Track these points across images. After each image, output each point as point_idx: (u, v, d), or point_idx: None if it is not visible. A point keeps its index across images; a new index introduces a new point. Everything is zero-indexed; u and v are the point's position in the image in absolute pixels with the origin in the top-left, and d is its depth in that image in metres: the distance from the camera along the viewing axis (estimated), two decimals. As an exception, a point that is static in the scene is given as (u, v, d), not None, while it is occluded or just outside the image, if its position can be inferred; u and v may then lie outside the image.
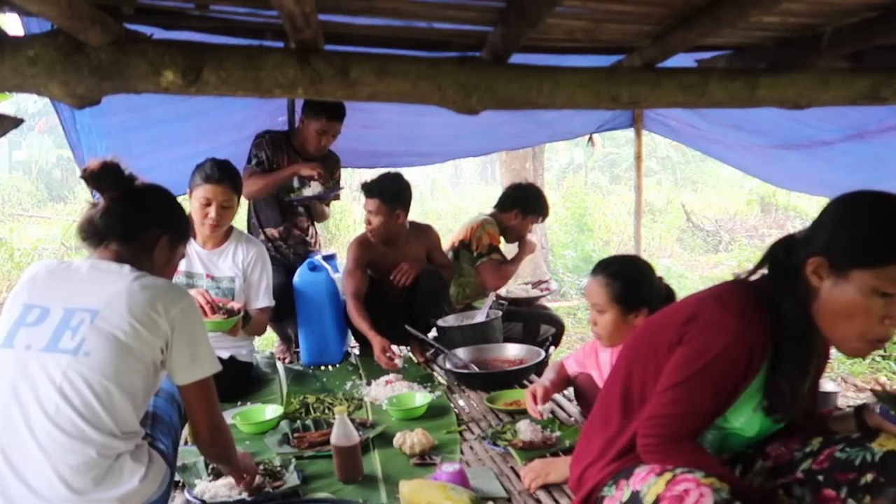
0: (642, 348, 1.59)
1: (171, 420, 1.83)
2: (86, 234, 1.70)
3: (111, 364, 1.50)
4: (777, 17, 1.87)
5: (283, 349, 3.68)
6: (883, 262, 1.31)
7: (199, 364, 1.65)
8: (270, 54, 1.72)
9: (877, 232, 1.33)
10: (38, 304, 1.58)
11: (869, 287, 1.31)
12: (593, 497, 1.55)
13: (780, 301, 1.42)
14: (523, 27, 1.73)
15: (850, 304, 1.34)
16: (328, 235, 7.66)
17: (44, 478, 1.43)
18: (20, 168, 15.91)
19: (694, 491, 1.30)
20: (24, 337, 1.54)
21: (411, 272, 3.39)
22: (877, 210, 1.37)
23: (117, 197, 1.71)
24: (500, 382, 2.97)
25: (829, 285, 1.37)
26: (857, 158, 3.47)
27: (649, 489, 1.38)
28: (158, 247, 1.75)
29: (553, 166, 16.21)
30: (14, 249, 7.62)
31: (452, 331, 3.45)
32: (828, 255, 1.36)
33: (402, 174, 3.49)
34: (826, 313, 1.38)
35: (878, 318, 1.33)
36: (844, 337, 1.39)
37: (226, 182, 2.83)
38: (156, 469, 1.60)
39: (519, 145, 6.12)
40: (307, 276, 3.39)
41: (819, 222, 1.43)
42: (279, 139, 3.60)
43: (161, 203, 1.81)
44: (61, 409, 1.46)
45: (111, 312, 1.54)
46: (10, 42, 1.60)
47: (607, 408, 1.62)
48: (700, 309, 1.48)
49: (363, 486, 2.12)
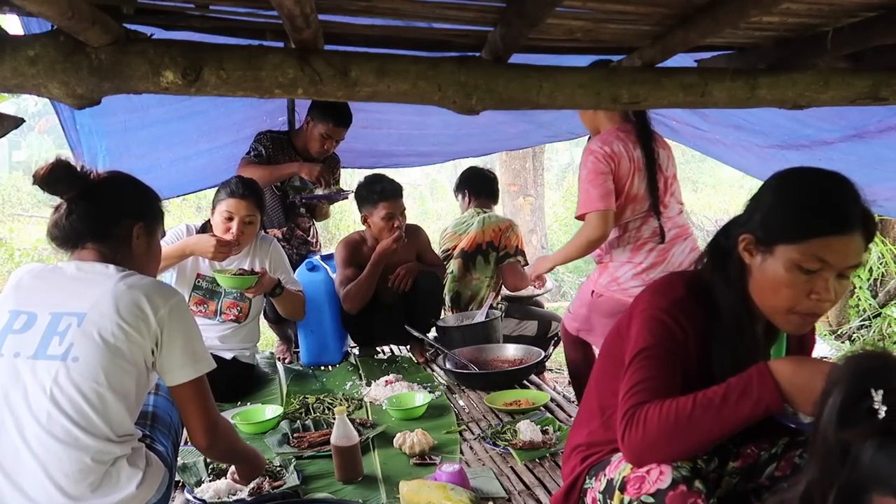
0: (605, 354, 1.65)
1: (171, 419, 1.81)
2: (57, 239, 1.65)
3: (101, 368, 1.48)
4: (777, 17, 1.87)
5: (283, 349, 3.68)
6: (804, 236, 1.32)
7: (192, 363, 1.60)
8: (270, 54, 1.72)
9: (799, 207, 1.35)
10: (25, 309, 1.55)
11: (791, 261, 1.33)
12: (577, 488, 1.58)
13: (714, 288, 1.44)
14: (523, 27, 1.73)
15: (775, 278, 1.36)
16: (328, 235, 7.65)
17: (40, 486, 1.42)
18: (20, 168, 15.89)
19: (654, 469, 1.33)
20: (11, 344, 1.51)
21: (409, 276, 3.37)
22: (802, 186, 1.39)
23: (76, 197, 1.64)
24: (500, 382, 2.97)
25: (759, 261, 1.39)
26: (857, 158, 3.46)
27: (620, 475, 1.40)
28: (134, 236, 1.70)
29: (553, 166, 16.20)
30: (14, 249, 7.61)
31: (452, 331, 3.46)
32: (755, 232, 1.39)
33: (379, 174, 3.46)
34: (757, 289, 1.41)
35: (804, 292, 1.34)
36: (774, 311, 1.41)
37: (249, 198, 2.86)
38: (154, 472, 1.58)
39: (519, 145, 6.12)
40: (306, 277, 3.39)
41: (752, 200, 1.45)
42: (280, 139, 3.60)
43: (124, 191, 1.74)
44: (53, 417, 1.44)
45: (98, 315, 1.51)
46: (10, 42, 1.60)
47: (588, 409, 1.67)
48: (637, 300, 1.54)
49: (363, 486, 2.12)
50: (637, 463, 1.36)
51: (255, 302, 3.03)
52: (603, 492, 1.46)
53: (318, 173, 3.44)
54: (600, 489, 1.47)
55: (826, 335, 5.32)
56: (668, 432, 1.30)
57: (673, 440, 1.31)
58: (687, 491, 1.30)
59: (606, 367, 1.63)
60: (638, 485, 1.34)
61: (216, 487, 2.00)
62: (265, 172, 3.41)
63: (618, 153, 2.66)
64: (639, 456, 1.35)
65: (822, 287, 1.33)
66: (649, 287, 1.55)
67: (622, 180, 2.67)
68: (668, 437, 1.31)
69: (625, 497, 1.36)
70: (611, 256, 2.79)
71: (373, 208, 3.29)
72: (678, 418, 1.30)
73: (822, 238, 1.31)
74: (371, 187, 3.30)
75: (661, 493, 1.31)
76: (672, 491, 1.30)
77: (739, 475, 1.63)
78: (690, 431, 1.30)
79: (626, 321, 1.56)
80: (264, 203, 3.01)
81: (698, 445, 1.33)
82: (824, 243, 1.31)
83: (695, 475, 1.33)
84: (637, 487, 1.34)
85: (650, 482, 1.33)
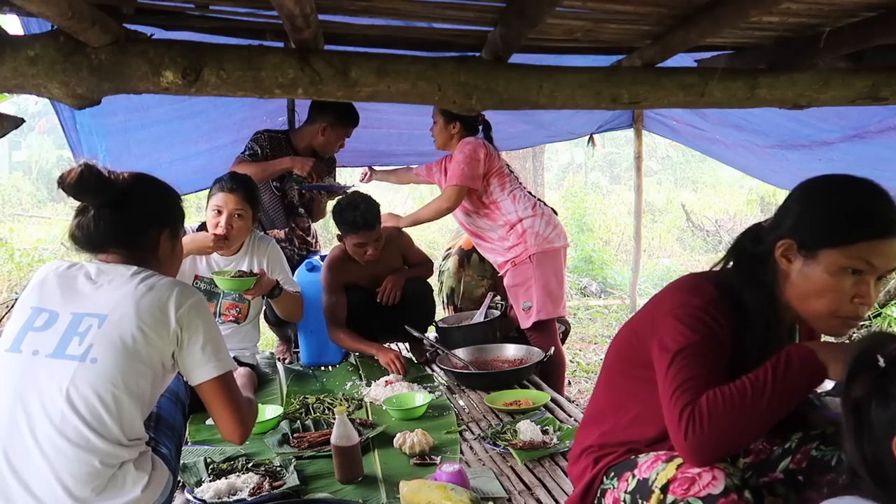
0: (616, 356, 1.62)
1: (175, 421, 1.81)
2: (81, 242, 1.65)
3: (119, 371, 1.48)
4: (777, 17, 1.87)
5: (283, 349, 3.68)
6: (849, 240, 1.34)
7: (214, 360, 1.60)
8: (270, 54, 1.72)
9: (842, 212, 1.36)
10: (47, 308, 1.56)
11: (837, 265, 1.35)
12: (594, 490, 1.56)
13: (743, 293, 1.44)
14: (523, 27, 1.73)
15: (820, 282, 1.37)
16: (328, 235, 7.65)
17: (47, 486, 1.42)
18: (20, 168, 15.89)
19: (706, 473, 1.31)
20: (31, 342, 1.51)
21: (396, 288, 3.32)
22: (841, 191, 1.41)
23: (103, 205, 1.63)
24: (500, 382, 2.97)
25: (799, 266, 1.40)
26: (857, 158, 3.47)
27: (658, 475, 1.38)
28: (161, 242, 1.71)
29: (553, 166, 16.21)
30: (14, 249, 7.60)
31: (452, 331, 3.46)
32: (796, 237, 1.39)
33: (361, 195, 3.31)
34: (798, 294, 1.41)
35: (847, 296, 1.36)
36: (817, 315, 1.41)
37: (238, 191, 2.83)
38: (158, 476, 1.58)
39: (519, 145, 6.12)
40: (306, 277, 3.38)
41: (785, 207, 1.46)
42: (278, 138, 3.59)
43: (151, 198, 1.73)
44: (67, 417, 1.44)
45: (119, 317, 1.51)
46: (10, 42, 1.60)
47: (597, 410, 1.65)
48: (660, 300, 1.53)
49: (363, 486, 2.12)
50: (703, 460, 1.32)
51: (255, 303, 3.03)
52: (633, 492, 1.43)
53: (310, 168, 3.42)
54: (627, 489, 1.44)
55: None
56: (736, 418, 1.29)
57: (743, 424, 1.30)
58: (738, 500, 1.28)
59: (618, 368, 1.61)
60: (686, 486, 1.32)
61: (216, 487, 2.00)
62: (258, 169, 3.36)
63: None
64: (707, 451, 1.31)
65: (865, 291, 1.35)
66: (674, 287, 1.53)
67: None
68: (734, 426, 1.29)
69: (668, 497, 1.34)
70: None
71: (345, 236, 3.22)
72: (742, 404, 1.29)
73: (869, 242, 1.33)
74: (344, 216, 3.17)
75: (713, 497, 1.28)
76: (724, 498, 1.28)
77: (751, 470, 1.62)
78: (755, 415, 1.29)
79: (644, 321, 1.53)
80: (257, 198, 2.96)
81: (762, 429, 1.34)
82: (871, 247, 1.33)
83: (744, 485, 1.31)
84: (685, 488, 1.32)
85: (701, 485, 1.30)
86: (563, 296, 3.42)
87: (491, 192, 3.36)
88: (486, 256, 3.59)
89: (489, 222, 3.40)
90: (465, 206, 3.42)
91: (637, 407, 1.53)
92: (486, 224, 3.42)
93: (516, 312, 3.39)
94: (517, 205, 3.33)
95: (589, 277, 7.76)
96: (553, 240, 3.34)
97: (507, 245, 3.36)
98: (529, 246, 3.29)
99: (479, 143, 3.34)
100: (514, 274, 3.36)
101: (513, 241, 3.33)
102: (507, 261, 3.37)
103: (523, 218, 3.31)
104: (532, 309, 3.31)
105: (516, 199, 3.35)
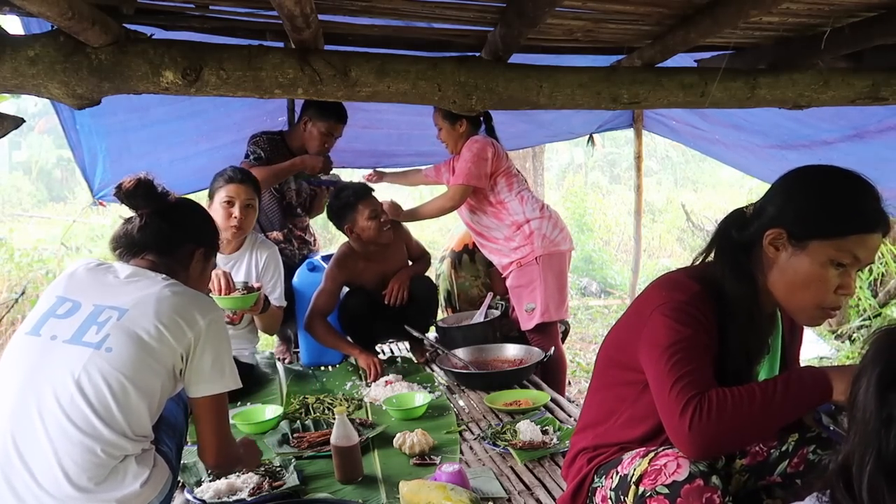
0: (607, 361, 1.63)
1: (177, 421, 1.83)
2: (121, 247, 1.74)
3: (131, 362, 1.51)
4: (777, 17, 1.87)
5: (283, 349, 3.68)
6: (841, 233, 1.35)
7: (219, 378, 1.65)
8: (270, 54, 1.73)
9: (836, 204, 1.38)
10: (71, 297, 1.61)
11: (826, 257, 1.36)
12: (585, 488, 1.57)
13: (725, 283, 1.44)
14: (523, 27, 1.73)
15: (807, 273, 1.38)
16: (328, 235, 7.65)
17: (48, 469, 1.44)
18: (20, 168, 15.89)
19: (671, 462, 1.34)
20: (51, 327, 1.56)
21: (403, 288, 3.31)
22: (835, 183, 1.42)
23: (152, 213, 1.74)
24: (500, 382, 2.97)
25: (787, 256, 1.40)
26: (857, 158, 3.46)
27: (635, 470, 1.40)
28: (194, 260, 1.80)
29: (553, 166, 16.19)
30: (14, 249, 7.59)
31: (452, 331, 3.46)
32: (787, 227, 1.40)
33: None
34: (782, 283, 1.42)
35: (831, 287, 1.38)
36: (801, 306, 1.43)
37: (247, 182, 2.90)
38: (159, 474, 1.59)
39: (519, 145, 6.11)
40: (306, 277, 3.38)
41: (773, 196, 1.46)
42: (275, 139, 3.59)
43: (194, 217, 1.87)
44: (75, 402, 1.46)
45: (139, 313, 1.56)
46: (10, 42, 1.60)
47: (591, 414, 1.65)
48: (645, 299, 1.53)
49: (363, 486, 2.12)
50: (703, 453, 1.33)
51: None
52: (615, 489, 1.45)
53: (321, 166, 3.47)
54: (612, 486, 1.47)
55: (826, 335, 5.31)
56: (743, 418, 1.30)
57: (748, 426, 1.31)
58: (703, 485, 1.30)
59: (607, 374, 1.62)
60: (654, 476, 1.35)
61: (216, 487, 2.00)
62: (269, 173, 3.39)
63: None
64: (710, 444, 1.32)
65: (849, 282, 1.37)
66: (657, 285, 1.54)
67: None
68: (742, 424, 1.31)
69: (640, 489, 1.36)
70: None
71: (354, 213, 3.19)
72: (751, 405, 1.30)
73: (859, 235, 1.35)
74: (342, 197, 3.20)
75: (678, 484, 1.31)
76: (688, 484, 1.30)
77: (748, 473, 1.62)
78: (760, 419, 1.31)
79: (630, 324, 1.54)
80: (260, 189, 3.02)
81: (763, 434, 1.38)
82: (860, 240, 1.35)
83: (711, 471, 1.33)
84: (653, 479, 1.35)
85: (666, 474, 1.33)
86: (566, 299, 3.42)
87: (498, 192, 3.36)
88: (489, 257, 3.56)
89: (495, 221, 3.39)
90: (471, 203, 3.42)
91: (628, 410, 1.54)
92: (491, 223, 3.41)
93: (518, 314, 3.38)
94: (525, 206, 3.33)
95: (589, 277, 7.76)
96: (559, 243, 3.34)
97: (512, 245, 3.34)
98: (536, 248, 3.28)
99: (488, 142, 3.34)
100: (519, 275, 3.34)
101: (519, 242, 3.32)
102: (513, 261, 3.35)
103: (531, 219, 3.31)
104: (536, 311, 3.30)
105: (524, 200, 3.35)
